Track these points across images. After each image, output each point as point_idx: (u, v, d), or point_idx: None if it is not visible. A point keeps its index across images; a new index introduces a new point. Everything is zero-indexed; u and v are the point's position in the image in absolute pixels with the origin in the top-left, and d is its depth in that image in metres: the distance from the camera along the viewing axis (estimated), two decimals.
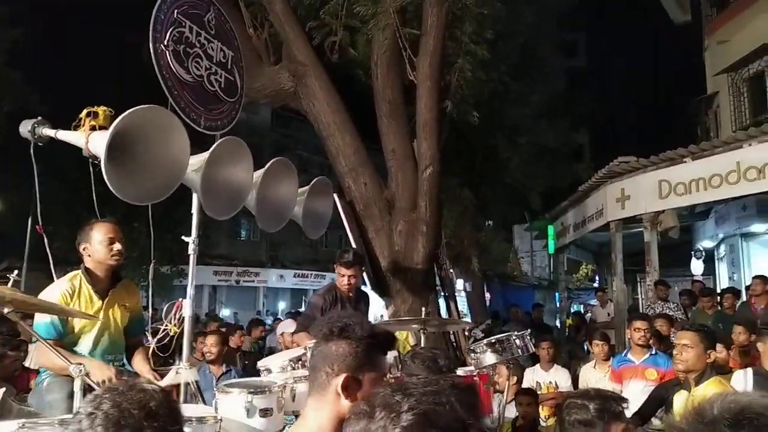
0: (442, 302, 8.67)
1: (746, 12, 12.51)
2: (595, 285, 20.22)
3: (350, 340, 1.68)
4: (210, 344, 5.41)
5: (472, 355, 3.58)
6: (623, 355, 5.23)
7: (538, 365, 6.25)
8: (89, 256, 3.32)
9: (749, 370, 4.21)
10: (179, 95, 3.67)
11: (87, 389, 2.49)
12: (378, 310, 10.17)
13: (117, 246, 3.32)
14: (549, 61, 15.74)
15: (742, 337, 5.46)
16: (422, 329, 3.60)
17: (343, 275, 4.65)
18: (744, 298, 9.09)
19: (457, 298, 11.74)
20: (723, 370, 4.65)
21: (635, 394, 4.68)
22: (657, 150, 9.24)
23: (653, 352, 5.03)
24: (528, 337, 3.69)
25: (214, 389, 2.85)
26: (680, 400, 3.41)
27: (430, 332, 4.00)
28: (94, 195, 3.42)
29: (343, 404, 1.65)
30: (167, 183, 3.04)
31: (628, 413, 2.60)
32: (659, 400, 4.55)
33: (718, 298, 9.14)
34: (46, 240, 3.48)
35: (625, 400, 2.38)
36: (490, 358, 3.49)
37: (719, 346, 4.49)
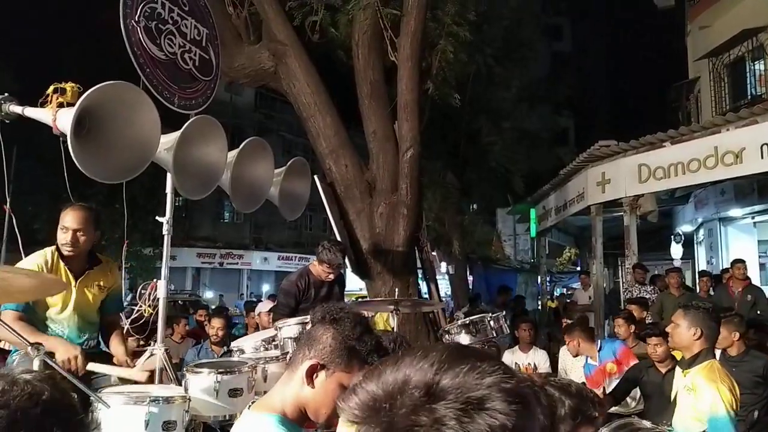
0: (424, 285, 8.70)
1: None
2: (578, 269, 20.41)
3: (336, 332, 1.66)
4: (217, 327, 5.66)
5: (447, 336, 3.60)
6: (587, 361, 5.26)
7: (517, 347, 6.31)
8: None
9: (718, 352, 4.30)
10: (152, 73, 3.60)
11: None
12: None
13: (67, 237, 3.26)
14: (533, 45, 15.70)
15: None
16: (395, 310, 3.61)
17: (330, 272, 4.64)
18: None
19: (440, 281, 11.80)
20: None
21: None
22: (641, 134, 9.29)
23: (599, 347, 5.13)
24: (503, 319, 3.71)
25: (185, 369, 2.85)
26: (677, 380, 3.37)
27: (406, 313, 4.01)
28: (65, 174, 3.38)
29: (305, 391, 1.63)
30: (137, 162, 3.00)
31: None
32: (633, 380, 4.63)
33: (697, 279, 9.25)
34: (14, 220, 3.44)
35: (603, 405, 2.33)
36: (464, 339, 3.51)
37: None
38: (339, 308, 1.74)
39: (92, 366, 3.11)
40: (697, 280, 9.41)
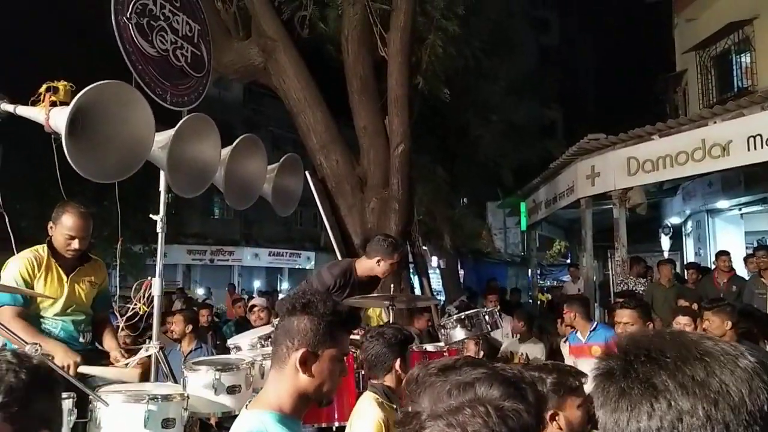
0: (415, 280, 8.73)
1: None
2: (568, 261, 20.54)
3: (312, 315, 1.69)
4: (175, 322, 5.43)
5: (443, 331, 3.63)
6: (574, 332, 5.34)
7: (517, 338, 6.42)
8: (52, 236, 3.35)
9: None
10: (144, 70, 3.59)
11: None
12: None
13: (74, 245, 3.33)
14: (521, 38, 15.73)
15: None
16: (390, 305, 3.63)
17: (394, 263, 4.14)
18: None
19: (431, 275, 11.84)
20: None
21: (585, 371, 4.79)
22: (629, 126, 9.34)
23: (594, 327, 5.18)
24: (497, 314, 3.75)
25: (182, 367, 2.85)
26: None
27: (399, 308, 4.03)
28: (58, 173, 3.38)
29: (301, 379, 1.66)
30: (131, 160, 3.00)
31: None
32: None
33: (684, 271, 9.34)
34: (6, 218, 3.43)
35: (583, 374, 2.40)
36: (459, 333, 3.54)
37: (685, 319, 4.62)
38: (302, 293, 1.77)
39: (85, 369, 3.13)
40: (686, 273, 9.49)
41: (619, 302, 3.73)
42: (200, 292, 25.03)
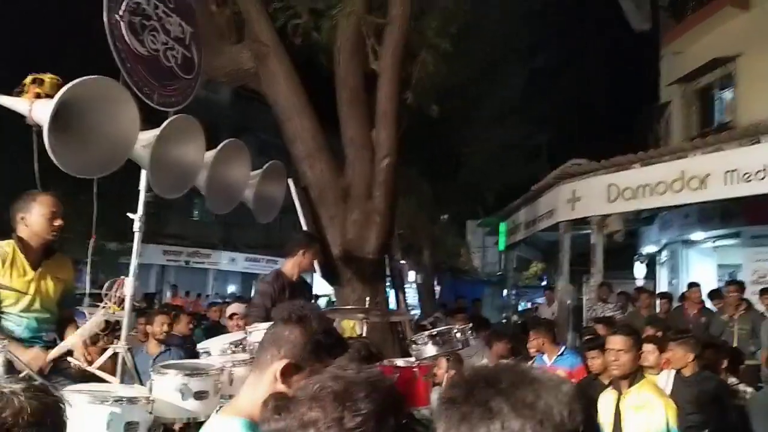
0: (392, 293, 8.74)
1: (700, 26, 12.87)
2: (544, 283, 20.67)
3: (304, 330, 1.69)
4: (163, 323, 5.30)
5: (414, 346, 3.63)
6: (540, 355, 5.40)
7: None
8: (26, 226, 3.25)
9: (672, 372, 4.43)
10: (132, 68, 3.58)
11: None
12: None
13: (58, 222, 3.27)
14: (510, 61, 15.91)
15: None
16: (365, 319, 3.63)
17: (314, 252, 4.81)
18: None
19: (408, 290, 11.86)
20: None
21: None
22: (613, 153, 9.50)
23: (561, 352, 5.27)
24: (469, 331, 3.76)
25: (150, 369, 2.82)
26: (608, 401, 3.43)
27: (374, 322, 4.03)
28: (35, 165, 3.33)
29: (278, 389, 1.65)
30: (113, 157, 2.98)
31: None
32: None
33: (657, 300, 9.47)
34: None
35: None
36: (430, 350, 3.55)
37: (650, 346, 4.69)
38: (302, 306, 1.78)
39: (52, 353, 3.11)
40: (658, 302, 9.62)
41: (613, 328, 3.77)
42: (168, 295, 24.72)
